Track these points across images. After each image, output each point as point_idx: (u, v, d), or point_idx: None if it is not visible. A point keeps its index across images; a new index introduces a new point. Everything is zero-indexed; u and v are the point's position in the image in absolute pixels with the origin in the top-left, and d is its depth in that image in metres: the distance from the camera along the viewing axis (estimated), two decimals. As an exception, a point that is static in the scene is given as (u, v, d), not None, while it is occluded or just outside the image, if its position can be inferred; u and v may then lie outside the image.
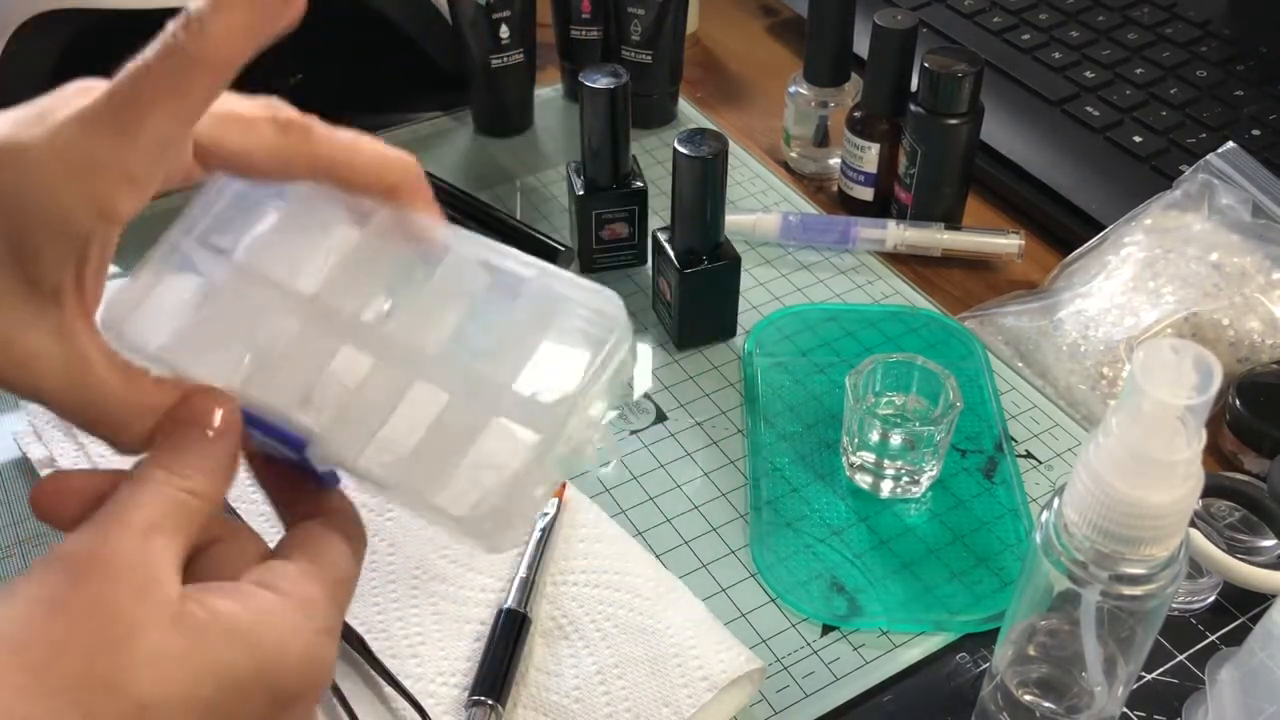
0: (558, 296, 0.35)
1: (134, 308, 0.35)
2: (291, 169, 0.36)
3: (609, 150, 0.62)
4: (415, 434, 0.33)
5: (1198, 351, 0.31)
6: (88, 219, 0.32)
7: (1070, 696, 0.41)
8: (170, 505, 0.31)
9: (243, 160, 0.35)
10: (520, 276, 0.36)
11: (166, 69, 0.31)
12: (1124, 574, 0.35)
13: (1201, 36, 0.79)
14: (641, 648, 0.46)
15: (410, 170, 0.37)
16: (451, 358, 0.34)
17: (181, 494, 0.31)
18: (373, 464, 0.33)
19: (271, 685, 0.30)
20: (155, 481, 0.31)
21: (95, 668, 0.27)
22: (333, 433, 0.33)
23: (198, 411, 0.32)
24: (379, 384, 0.34)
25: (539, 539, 0.49)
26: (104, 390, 0.33)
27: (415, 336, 0.35)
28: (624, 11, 0.75)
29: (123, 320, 0.35)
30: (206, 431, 0.32)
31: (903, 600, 0.50)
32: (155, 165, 0.32)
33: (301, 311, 0.35)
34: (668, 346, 0.62)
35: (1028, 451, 0.56)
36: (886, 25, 0.65)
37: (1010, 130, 0.73)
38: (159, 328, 0.35)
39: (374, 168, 0.37)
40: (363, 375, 0.34)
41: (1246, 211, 0.61)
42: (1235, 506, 0.51)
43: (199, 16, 0.31)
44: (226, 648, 0.29)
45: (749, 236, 0.68)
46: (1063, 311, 0.60)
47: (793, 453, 0.56)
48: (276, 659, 0.30)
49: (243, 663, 0.29)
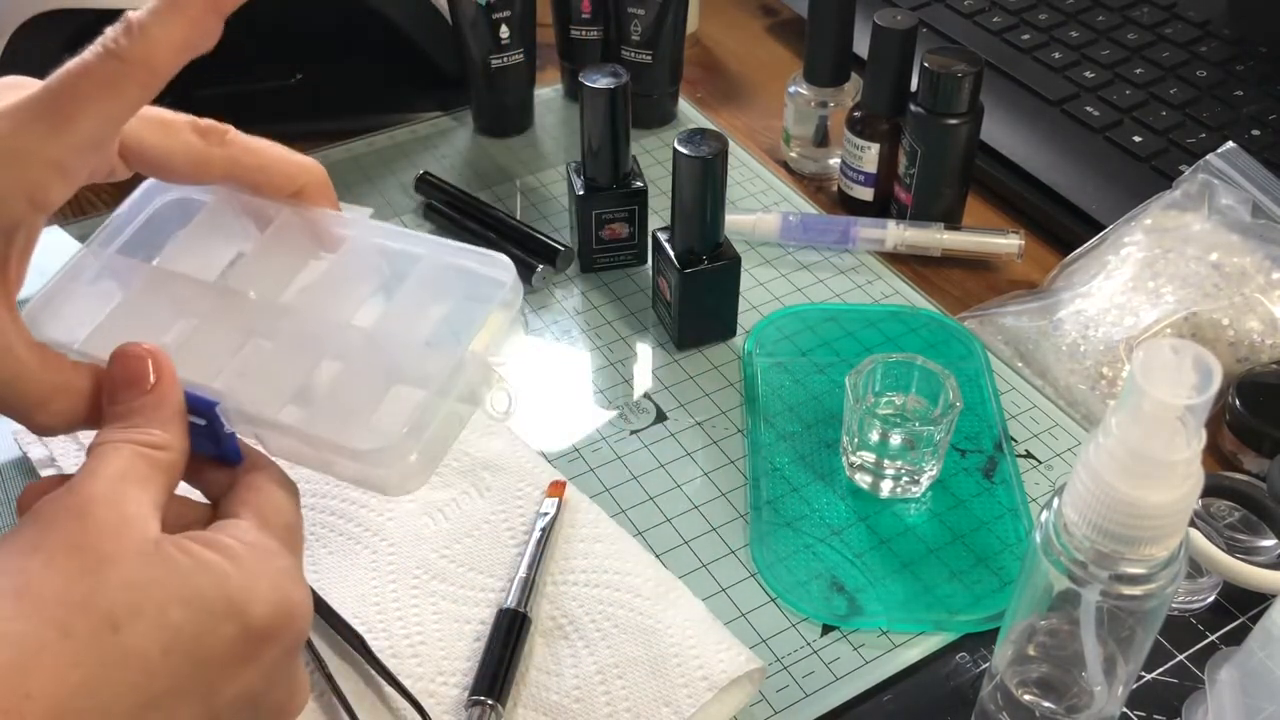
0: (447, 267, 0.39)
1: (54, 311, 0.38)
2: (207, 170, 0.38)
3: (609, 150, 0.62)
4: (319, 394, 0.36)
5: (1197, 351, 0.31)
6: (18, 206, 0.33)
7: (1070, 696, 0.41)
8: (134, 457, 0.32)
9: (163, 160, 0.37)
10: (414, 255, 0.39)
11: (104, 70, 0.33)
12: (1124, 574, 0.35)
13: (1201, 36, 0.79)
14: (641, 648, 0.46)
15: (316, 174, 0.40)
16: (349, 330, 0.38)
17: (142, 447, 0.33)
18: (280, 416, 0.36)
19: (242, 615, 0.31)
20: (113, 442, 0.33)
21: (71, 591, 0.29)
22: (241, 391, 0.36)
23: (131, 372, 0.34)
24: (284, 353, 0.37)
25: (539, 539, 0.49)
26: (23, 369, 0.34)
27: (316, 314, 0.38)
28: (624, 11, 0.75)
29: (44, 322, 0.38)
30: (145, 386, 0.34)
31: (903, 600, 0.50)
32: (85, 159, 0.34)
33: (210, 299, 0.38)
34: (668, 346, 0.62)
35: (1027, 451, 0.56)
36: (886, 25, 0.65)
37: (1010, 130, 0.73)
38: (78, 326, 0.38)
39: (283, 171, 0.40)
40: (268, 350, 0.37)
41: (1246, 211, 0.61)
42: (1235, 506, 0.51)
43: (140, 24, 0.34)
44: (196, 576, 0.30)
45: (749, 236, 0.68)
46: (1062, 311, 0.60)
47: (793, 453, 0.56)
48: (244, 590, 0.31)
49: (211, 591, 0.30)
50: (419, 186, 0.72)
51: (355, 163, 0.76)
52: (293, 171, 0.40)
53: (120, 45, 0.34)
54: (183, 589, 0.30)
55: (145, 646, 0.29)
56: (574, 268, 0.67)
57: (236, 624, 0.31)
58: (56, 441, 0.54)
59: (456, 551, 0.50)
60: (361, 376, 0.37)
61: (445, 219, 0.70)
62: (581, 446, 0.57)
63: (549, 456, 0.55)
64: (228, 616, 0.30)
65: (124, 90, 0.34)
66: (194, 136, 0.38)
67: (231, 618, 0.30)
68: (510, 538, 0.50)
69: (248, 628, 0.31)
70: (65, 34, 0.66)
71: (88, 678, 0.28)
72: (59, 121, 0.33)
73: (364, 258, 0.40)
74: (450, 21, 0.74)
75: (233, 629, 0.30)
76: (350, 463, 0.35)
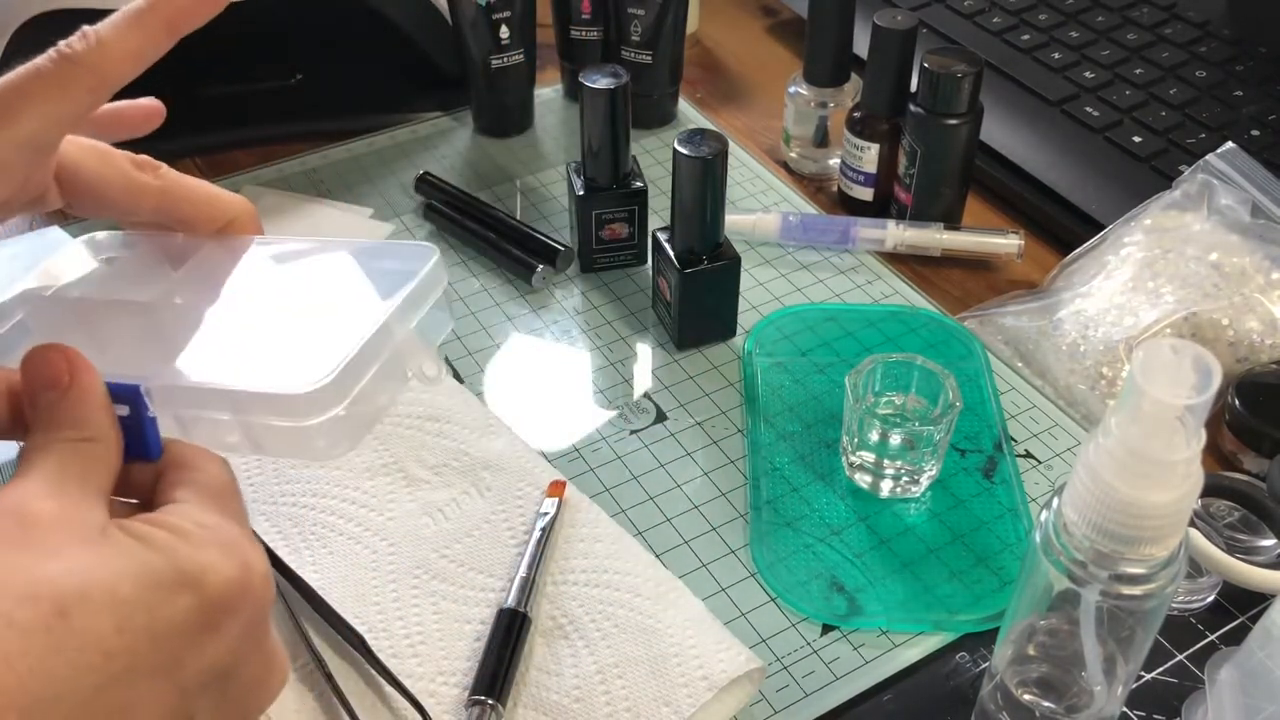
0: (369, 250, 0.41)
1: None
2: (140, 200, 0.39)
3: (609, 150, 0.63)
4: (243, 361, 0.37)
5: (1197, 351, 0.31)
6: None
7: (1070, 696, 0.41)
8: (65, 454, 0.32)
9: (99, 187, 0.39)
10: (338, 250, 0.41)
11: (55, 72, 0.35)
12: (1123, 574, 0.35)
13: (1201, 37, 0.79)
14: (641, 647, 0.46)
15: (245, 208, 0.42)
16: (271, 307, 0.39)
17: (72, 443, 0.32)
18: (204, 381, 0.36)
19: (196, 585, 0.30)
20: (41, 444, 0.32)
21: (13, 585, 0.28)
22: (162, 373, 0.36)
23: (47, 371, 0.34)
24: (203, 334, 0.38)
25: (539, 539, 0.49)
26: None
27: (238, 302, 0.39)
28: (624, 11, 0.75)
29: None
30: (63, 382, 0.33)
31: (902, 600, 0.50)
32: (25, 160, 0.35)
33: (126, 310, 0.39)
34: (668, 346, 0.62)
35: (1027, 451, 0.56)
36: (886, 25, 0.65)
37: (1010, 130, 0.73)
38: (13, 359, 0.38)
39: (212, 203, 0.41)
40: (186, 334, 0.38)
41: (1246, 211, 0.61)
42: (1235, 506, 0.51)
43: (96, 34, 0.35)
44: (144, 553, 0.30)
45: (749, 236, 0.68)
46: (1062, 311, 0.60)
47: (792, 452, 0.56)
48: (195, 561, 0.30)
49: (160, 564, 0.30)
50: (419, 186, 0.72)
51: (355, 163, 0.76)
52: (223, 204, 0.41)
53: (75, 50, 0.35)
54: (131, 566, 0.29)
55: (97, 627, 0.28)
56: (574, 268, 0.67)
57: (192, 595, 0.30)
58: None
59: (456, 551, 0.50)
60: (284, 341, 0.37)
61: (445, 219, 0.70)
62: (581, 446, 0.57)
63: (549, 456, 0.56)
64: (182, 588, 0.30)
65: (72, 93, 0.35)
66: (128, 165, 0.39)
67: (186, 589, 0.30)
68: (510, 538, 0.50)
69: (204, 598, 0.30)
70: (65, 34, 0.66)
71: (37, 665, 0.27)
72: (3, 116, 0.34)
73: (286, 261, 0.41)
74: (450, 21, 0.74)
75: (188, 600, 0.30)
76: (276, 420, 0.34)
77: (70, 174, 0.38)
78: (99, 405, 0.34)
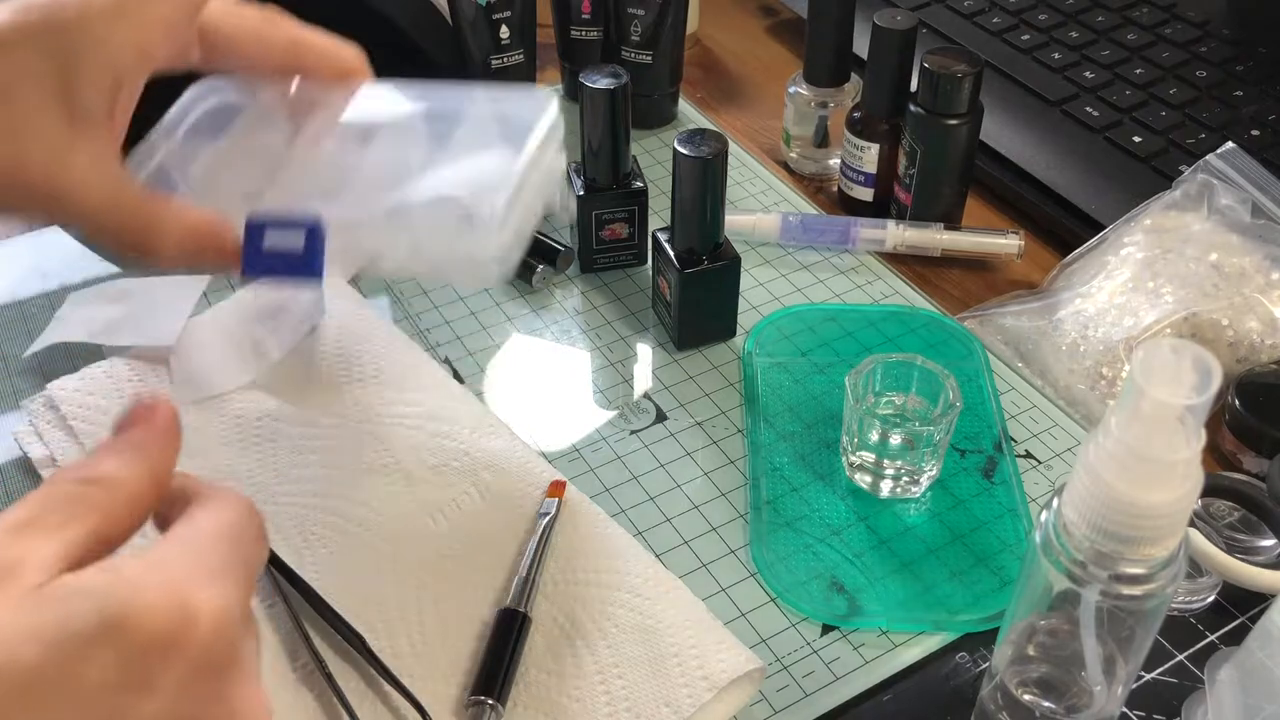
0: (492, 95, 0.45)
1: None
2: (270, 51, 0.43)
3: (609, 150, 0.63)
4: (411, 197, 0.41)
5: (1197, 351, 0.31)
6: (130, 57, 0.38)
7: (1070, 696, 0.41)
8: (58, 498, 0.30)
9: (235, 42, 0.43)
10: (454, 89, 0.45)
11: None
12: (1123, 574, 0.35)
13: (1201, 37, 0.79)
14: (641, 647, 0.46)
15: (361, 61, 0.45)
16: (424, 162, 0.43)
17: (75, 486, 0.30)
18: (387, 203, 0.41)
19: (120, 634, 0.27)
20: (51, 481, 0.31)
21: None
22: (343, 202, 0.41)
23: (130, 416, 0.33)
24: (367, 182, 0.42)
25: (539, 539, 0.49)
26: (138, 206, 0.39)
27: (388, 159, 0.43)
28: (624, 11, 0.75)
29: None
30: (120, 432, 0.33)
31: (902, 600, 0.50)
32: (186, 21, 0.40)
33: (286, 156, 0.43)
34: (668, 346, 0.62)
35: (1027, 451, 0.56)
36: (886, 25, 0.65)
37: (1010, 130, 0.73)
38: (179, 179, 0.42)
39: (333, 53, 0.45)
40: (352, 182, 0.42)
41: (1246, 212, 0.61)
42: (1235, 506, 0.51)
43: None
44: (65, 605, 0.27)
45: (749, 237, 0.68)
46: (1062, 311, 0.60)
47: (792, 453, 0.56)
48: (123, 605, 0.27)
49: (81, 618, 0.27)
50: (419, 186, 0.72)
51: (355, 163, 0.76)
52: (344, 55, 0.45)
53: None
54: (41, 625, 0.26)
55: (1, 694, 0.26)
56: (574, 268, 0.67)
57: (115, 646, 0.27)
58: (56, 441, 0.54)
59: (456, 551, 0.50)
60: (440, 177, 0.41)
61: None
62: (581, 446, 0.57)
63: (549, 456, 0.56)
64: (103, 640, 0.27)
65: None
66: (260, 22, 0.43)
67: (108, 640, 0.27)
68: (510, 538, 0.50)
69: (127, 649, 0.27)
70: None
71: None
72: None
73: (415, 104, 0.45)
74: (450, 21, 0.74)
75: (108, 655, 0.27)
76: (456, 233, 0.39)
77: (209, 32, 0.42)
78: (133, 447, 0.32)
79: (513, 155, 0.41)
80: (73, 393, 0.56)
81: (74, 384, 0.56)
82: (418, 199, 0.41)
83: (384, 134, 0.43)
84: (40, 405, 0.56)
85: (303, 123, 0.44)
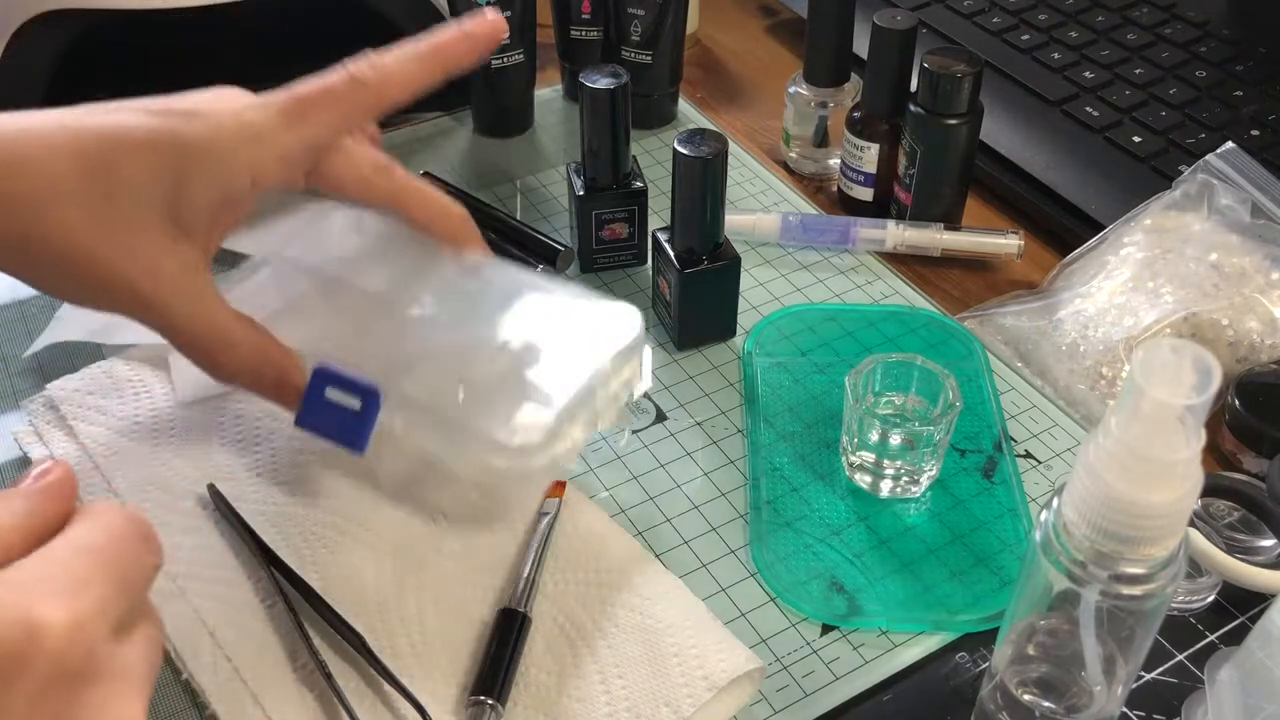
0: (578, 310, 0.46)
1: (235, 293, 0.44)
2: (371, 199, 0.45)
3: (609, 150, 0.63)
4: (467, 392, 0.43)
5: (1197, 351, 0.31)
6: (243, 180, 0.40)
7: (1070, 696, 0.41)
8: None
9: (339, 184, 0.45)
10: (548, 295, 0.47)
11: (344, 89, 0.42)
12: (1123, 574, 0.35)
13: (1201, 37, 0.79)
14: (641, 647, 0.46)
15: (465, 220, 0.47)
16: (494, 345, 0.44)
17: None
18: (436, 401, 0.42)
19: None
20: None
21: None
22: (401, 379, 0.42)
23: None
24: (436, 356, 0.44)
25: (539, 539, 0.49)
26: (216, 322, 0.40)
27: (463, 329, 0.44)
28: (624, 11, 0.75)
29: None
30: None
31: (902, 600, 0.50)
32: (303, 155, 0.42)
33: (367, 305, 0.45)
34: (668, 346, 0.62)
35: (1027, 451, 0.56)
36: (886, 25, 0.65)
37: (1010, 130, 0.73)
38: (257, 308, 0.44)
39: (441, 213, 0.47)
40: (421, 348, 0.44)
41: (1246, 212, 0.61)
42: (1234, 506, 0.51)
43: (383, 63, 0.43)
44: None
45: (749, 236, 0.68)
46: (1062, 311, 0.60)
47: (792, 453, 0.56)
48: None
49: None
50: (419, 186, 0.72)
51: (355, 163, 0.76)
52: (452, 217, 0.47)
53: (364, 73, 0.42)
54: None
55: None
56: (574, 268, 0.67)
57: None
58: (56, 441, 0.54)
59: (456, 551, 0.50)
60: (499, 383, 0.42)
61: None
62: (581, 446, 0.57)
63: (549, 456, 0.56)
64: None
65: (354, 109, 0.42)
66: (368, 170, 0.45)
67: None
68: (510, 538, 0.50)
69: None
70: (65, 34, 0.66)
71: None
72: (296, 119, 0.41)
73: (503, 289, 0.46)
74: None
75: None
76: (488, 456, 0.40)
77: (319, 166, 0.44)
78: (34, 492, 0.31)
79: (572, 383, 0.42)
80: (73, 393, 0.56)
81: (74, 384, 0.56)
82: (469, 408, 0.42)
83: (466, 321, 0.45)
84: (40, 405, 0.56)
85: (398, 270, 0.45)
